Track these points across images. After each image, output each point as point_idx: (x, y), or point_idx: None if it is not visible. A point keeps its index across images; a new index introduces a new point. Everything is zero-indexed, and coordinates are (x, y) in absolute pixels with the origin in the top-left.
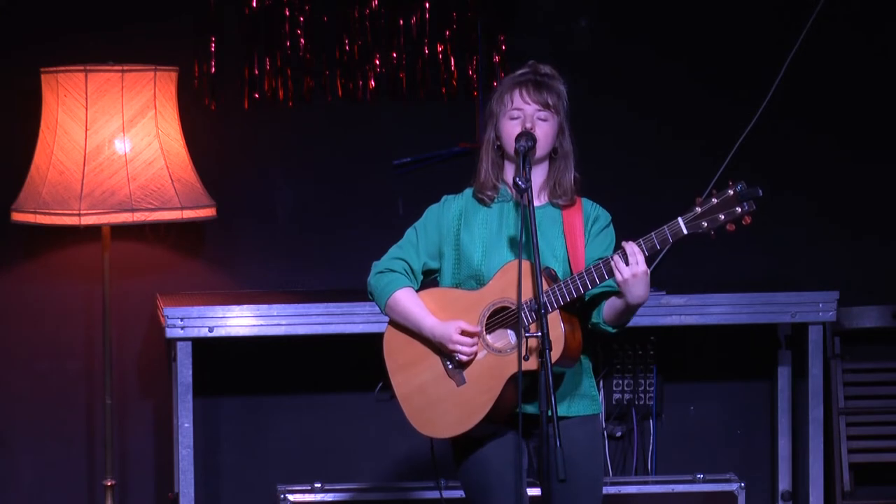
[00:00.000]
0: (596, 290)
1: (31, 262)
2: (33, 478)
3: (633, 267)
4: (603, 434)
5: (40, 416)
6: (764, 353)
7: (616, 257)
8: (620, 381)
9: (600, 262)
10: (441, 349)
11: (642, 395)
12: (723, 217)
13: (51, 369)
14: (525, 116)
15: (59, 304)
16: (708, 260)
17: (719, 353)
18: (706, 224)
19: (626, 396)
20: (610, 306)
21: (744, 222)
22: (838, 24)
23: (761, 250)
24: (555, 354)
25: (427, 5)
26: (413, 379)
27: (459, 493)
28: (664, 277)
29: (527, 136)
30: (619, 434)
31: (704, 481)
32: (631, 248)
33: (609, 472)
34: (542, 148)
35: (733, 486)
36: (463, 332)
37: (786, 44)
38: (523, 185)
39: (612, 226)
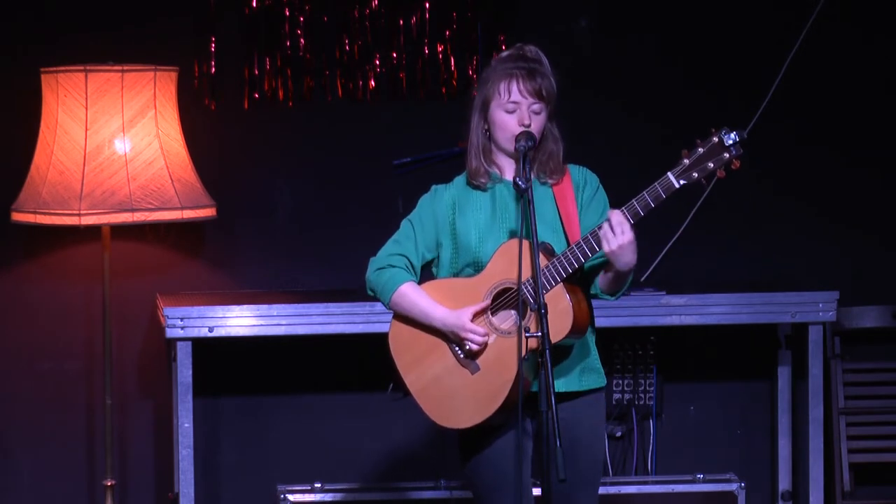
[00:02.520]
0: (595, 261)
1: (31, 262)
2: (33, 478)
3: (619, 237)
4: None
5: (40, 416)
6: (764, 353)
7: (604, 227)
8: (620, 381)
9: (589, 234)
10: (453, 338)
11: (642, 395)
12: (712, 165)
13: (51, 369)
14: (521, 111)
15: (59, 304)
16: (708, 260)
17: (719, 353)
18: (696, 174)
19: (626, 396)
20: (603, 276)
21: (733, 167)
22: (838, 24)
23: (761, 250)
24: (564, 328)
25: (427, 5)
26: (426, 373)
27: (459, 494)
28: (664, 277)
29: (527, 136)
30: (619, 434)
31: (704, 481)
32: (617, 217)
33: (609, 472)
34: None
35: (733, 486)
36: (474, 315)
37: (786, 44)
38: (524, 185)
39: (601, 188)
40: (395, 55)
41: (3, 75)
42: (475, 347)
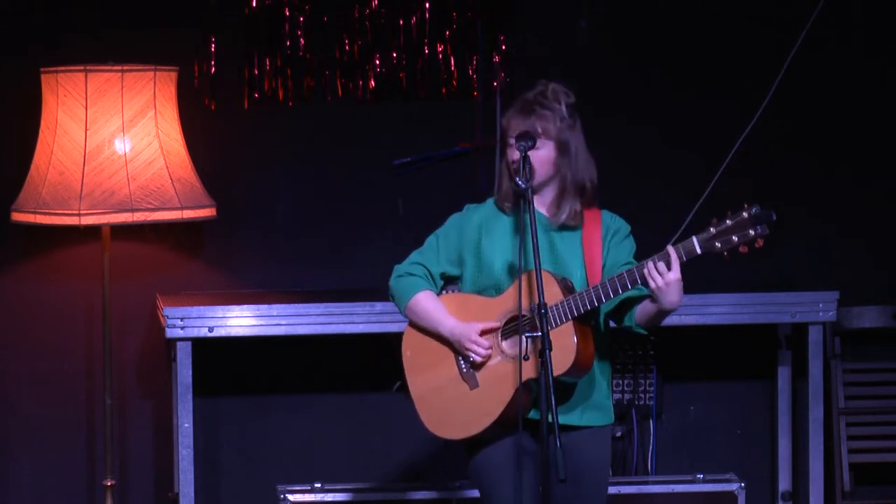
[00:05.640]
0: (633, 293)
1: (31, 262)
2: (33, 478)
3: (665, 275)
4: (611, 443)
5: (40, 416)
6: (764, 353)
7: (650, 264)
8: (620, 381)
9: (633, 268)
10: (458, 348)
11: (642, 395)
12: (736, 239)
13: (51, 369)
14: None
15: (59, 304)
16: (708, 260)
17: (719, 353)
18: (719, 245)
19: (626, 396)
20: (641, 311)
21: (756, 245)
22: (836, 29)
23: (761, 250)
24: (564, 364)
25: (427, 5)
26: (429, 381)
27: (459, 494)
28: None
29: (526, 136)
30: (619, 434)
31: (704, 481)
32: (673, 254)
33: (609, 474)
34: (538, 175)
35: (733, 486)
36: (482, 332)
37: (783, 49)
38: (523, 185)
39: (631, 236)
40: (395, 55)
41: (3, 75)
42: (477, 359)
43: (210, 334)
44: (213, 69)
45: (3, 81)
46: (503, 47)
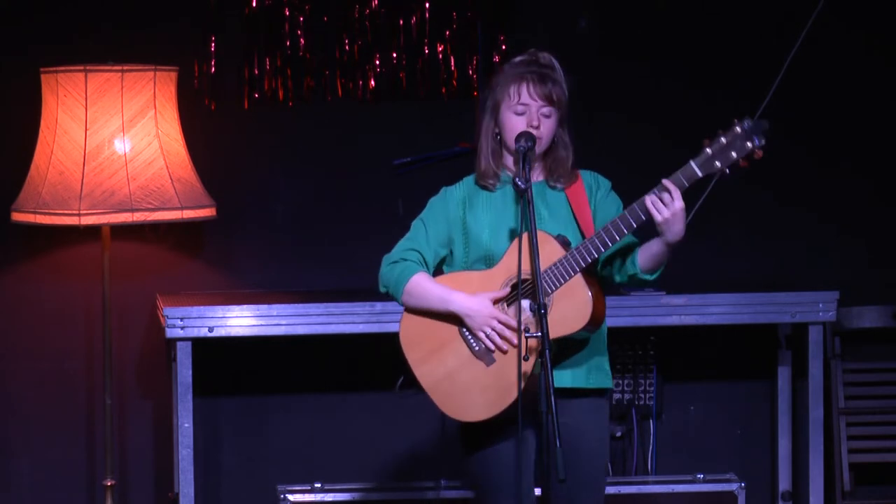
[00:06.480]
0: (626, 242)
1: (31, 262)
2: (33, 478)
3: (670, 205)
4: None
5: (40, 416)
6: (764, 353)
7: (653, 197)
8: (620, 381)
9: (635, 204)
10: (471, 324)
11: (642, 395)
12: (735, 154)
13: (51, 369)
14: (531, 113)
15: (59, 304)
16: (708, 260)
17: (719, 353)
18: (719, 164)
19: (626, 396)
20: (646, 253)
21: (755, 157)
22: (837, 26)
23: (761, 250)
24: (582, 319)
25: (427, 5)
26: (438, 367)
27: (459, 494)
28: (664, 277)
29: (527, 136)
30: (619, 434)
31: (704, 481)
32: (669, 184)
33: (609, 472)
34: (543, 144)
35: (733, 486)
36: (494, 301)
37: (784, 47)
38: (523, 186)
39: (613, 191)
40: (395, 55)
41: (3, 75)
42: (498, 339)
43: (210, 334)
44: (213, 69)
45: (3, 81)
46: (503, 47)
